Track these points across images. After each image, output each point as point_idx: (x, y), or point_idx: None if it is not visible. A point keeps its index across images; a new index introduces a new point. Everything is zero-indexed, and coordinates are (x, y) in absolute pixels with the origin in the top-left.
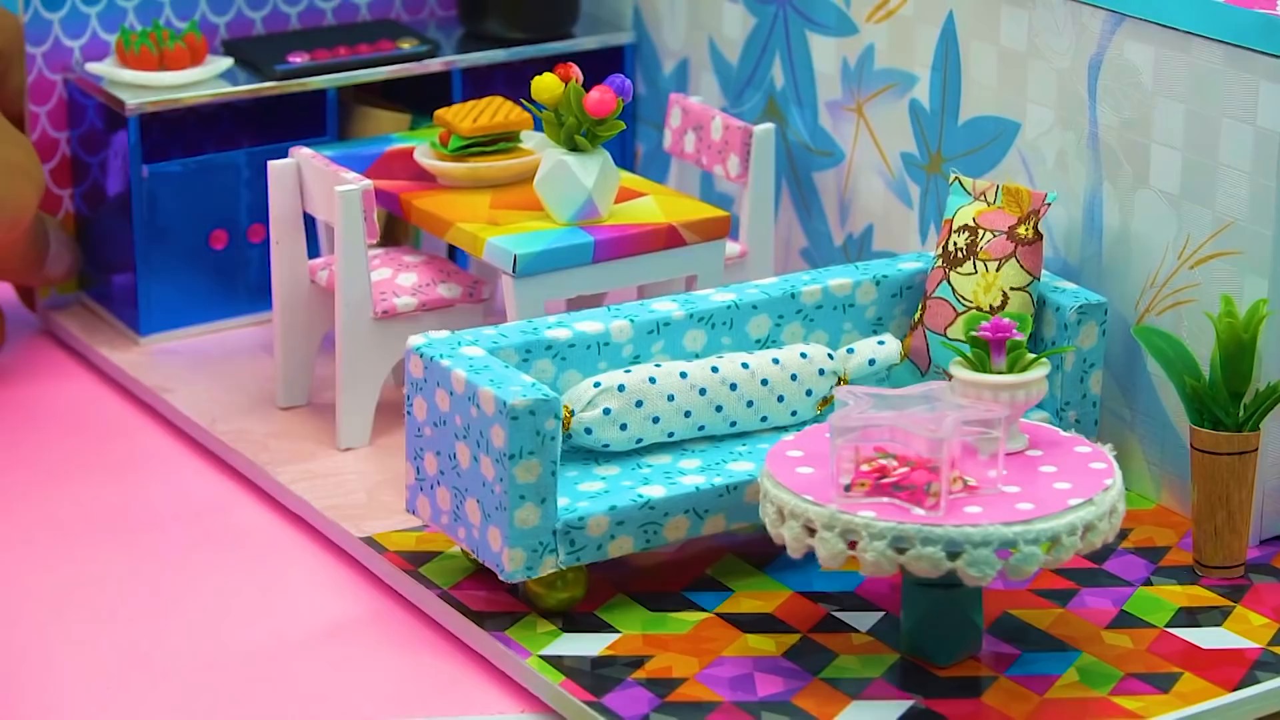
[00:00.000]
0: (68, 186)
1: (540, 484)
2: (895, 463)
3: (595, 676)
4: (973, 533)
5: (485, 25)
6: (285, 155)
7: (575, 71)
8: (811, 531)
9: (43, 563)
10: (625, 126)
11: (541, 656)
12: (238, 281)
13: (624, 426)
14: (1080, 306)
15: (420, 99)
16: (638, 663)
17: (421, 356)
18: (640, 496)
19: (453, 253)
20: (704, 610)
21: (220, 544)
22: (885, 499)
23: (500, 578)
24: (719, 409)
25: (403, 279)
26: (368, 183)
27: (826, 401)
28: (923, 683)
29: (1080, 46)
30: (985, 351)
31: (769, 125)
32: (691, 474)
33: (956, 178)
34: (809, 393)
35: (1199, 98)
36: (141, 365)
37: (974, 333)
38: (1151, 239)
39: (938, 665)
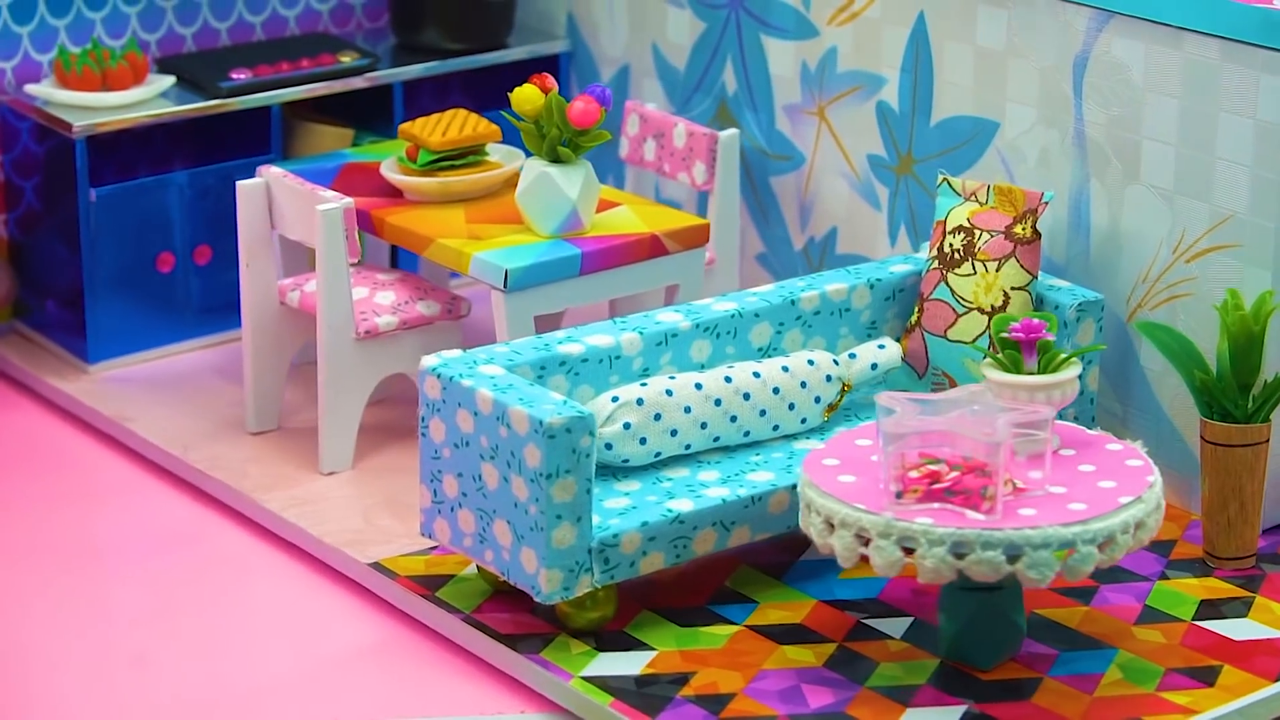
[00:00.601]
0: (0, 212)
1: (576, 503)
2: (945, 468)
3: (643, 696)
4: (1032, 535)
5: (420, 36)
6: (231, 175)
7: (552, 81)
8: (864, 540)
9: (13, 596)
10: (610, 137)
11: (584, 678)
12: (185, 305)
13: (643, 440)
14: (1080, 304)
15: (359, 113)
16: (682, 680)
17: (439, 377)
18: (669, 511)
19: (395, 261)
20: (734, 623)
21: (208, 574)
22: (938, 505)
23: (536, 600)
24: (733, 419)
25: (381, 298)
26: (349, 201)
27: (833, 408)
28: (969, 687)
29: (1064, 44)
30: (1016, 352)
31: (734, 131)
32: (714, 486)
33: (945, 179)
34: (817, 399)
35: (1194, 93)
36: (95, 394)
37: (1005, 334)
38: (1143, 235)
39: (981, 669)
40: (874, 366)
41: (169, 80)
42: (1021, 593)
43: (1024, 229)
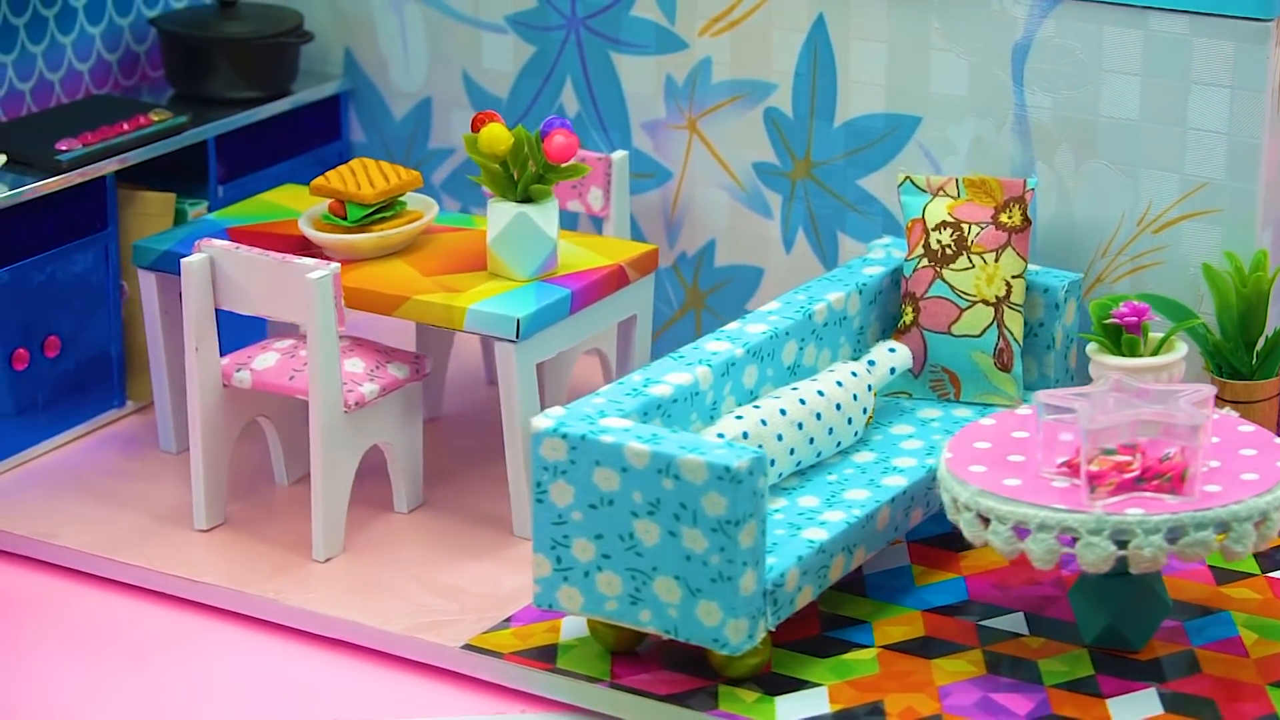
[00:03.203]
0: None
1: (756, 547)
2: (1129, 457)
3: None
4: (1239, 510)
5: (203, 87)
6: (76, 256)
7: (499, 116)
8: (1068, 540)
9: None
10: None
11: None
12: (41, 402)
13: None
14: (1067, 286)
15: (169, 175)
16: (878, 709)
17: (565, 438)
18: (812, 542)
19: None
20: (865, 646)
21: (269, 695)
22: (1130, 494)
23: (721, 653)
24: (811, 441)
25: (351, 365)
26: (335, 265)
27: (870, 417)
28: (1134, 670)
29: (999, 34)
30: (1135, 336)
31: (624, 153)
32: (826, 511)
33: (907, 177)
34: (864, 410)
35: (1160, 68)
36: None
37: (1111, 319)
38: (1100, 211)
39: (1133, 650)
40: (893, 371)
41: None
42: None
43: (1010, 217)
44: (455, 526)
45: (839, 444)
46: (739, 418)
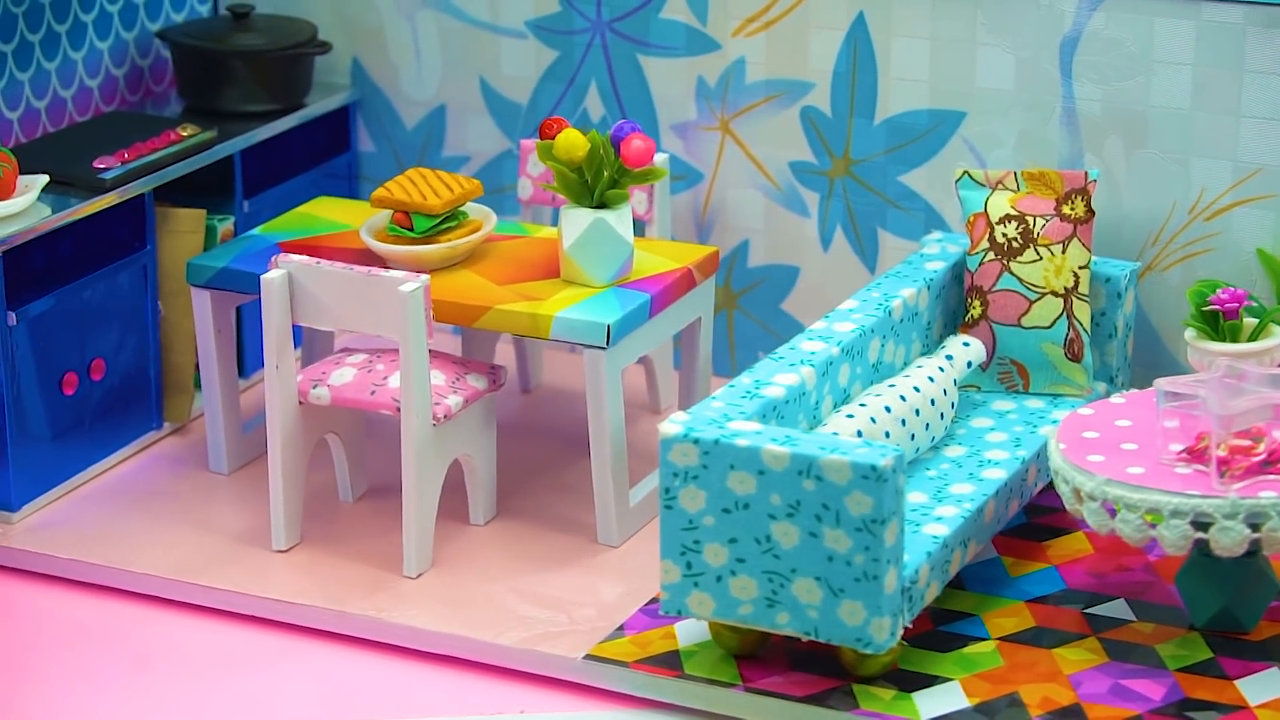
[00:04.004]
0: None
1: (898, 545)
2: (1249, 441)
3: None
4: None
5: (218, 100)
6: (117, 276)
7: (566, 122)
8: (1201, 526)
9: None
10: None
11: None
12: (88, 425)
13: None
14: (1128, 274)
15: (194, 190)
16: (1016, 701)
17: (697, 443)
18: (935, 538)
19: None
20: (981, 639)
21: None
22: (1258, 478)
23: (865, 652)
24: (913, 437)
25: (434, 378)
26: (425, 277)
27: (954, 412)
28: (1251, 650)
29: (1047, 28)
30: (1236, 322)
31: (665, 155)
32: (938, 506)
33: (965, 172)
34: (951, 405)
35: (1212, 57)
36: (46, 540)
37: (1209, 305)
38: (1150, 199)
39: (1245, 631)
40: (969, 365)
41: (40, 179)
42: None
43: (1074, 209)
44: (535, 536)
45: (933, 439)
46: (850, 416)
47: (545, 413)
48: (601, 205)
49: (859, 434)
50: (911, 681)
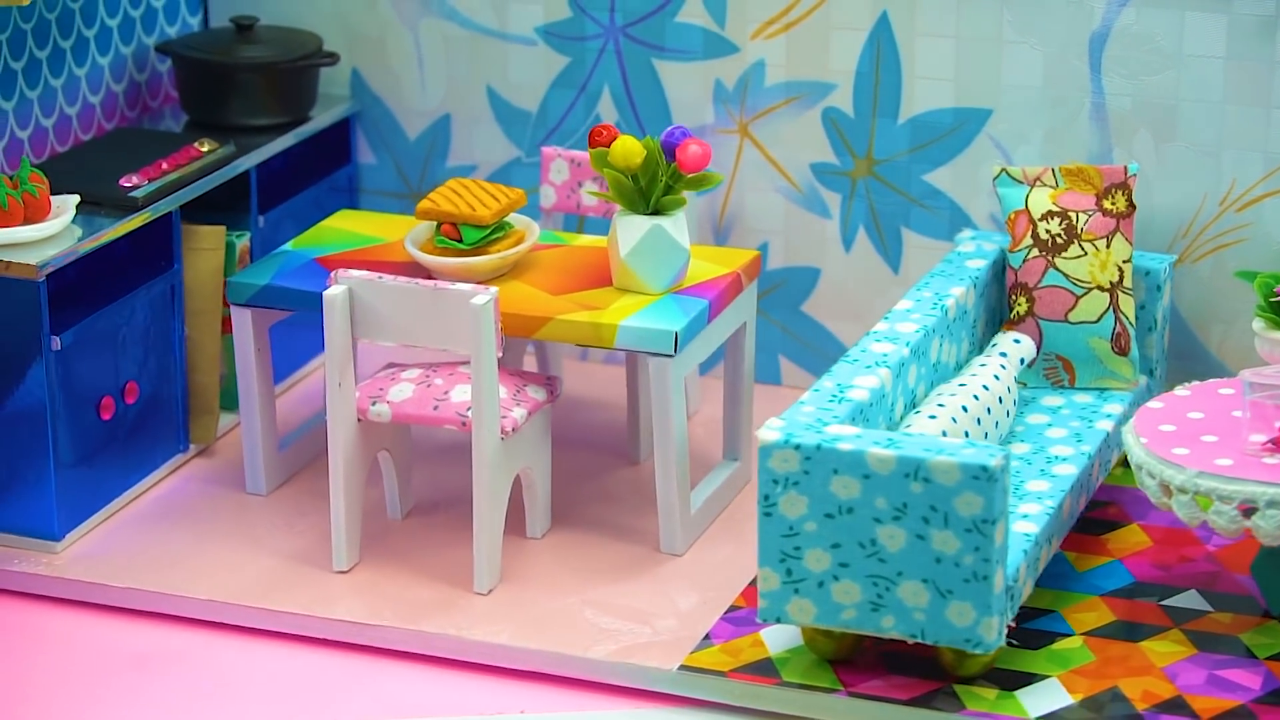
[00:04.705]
0: None
1: (1004, 545)
2: None
3: None
4: None
5: (223, 114)
6: (147, 297)
7: (615, 129)
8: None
9: None
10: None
11: (1040, 719)
12: (123, 448)
13: None
14: (1167, 268)
15: (211, 206)
16: (1118, 695)
17: (798, 449)
18: (1027, 536)
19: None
20: (1067, 635)
21: None
22: None
23: (975, 652)
24: (986, 436)
25: None
26: (494, 290)
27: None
28: None
29: (1076, 24)
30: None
31: None
32: (1021, 504)
33: (1003, 169)
34: (1015, 403)
35: (1243, 51)
36: (95, 569)
37: (1277, 296)
38: (1181, 192)
39: None
40: (1023, 361)
41: (72, 199)
42: None
43: (1116, 203)
44: (595, 548)
45: (1001, 437)
46: (932, 417)
47: (572, 422)
48: (655, 212)
49: (944, 434)
50: (1010, 680)
